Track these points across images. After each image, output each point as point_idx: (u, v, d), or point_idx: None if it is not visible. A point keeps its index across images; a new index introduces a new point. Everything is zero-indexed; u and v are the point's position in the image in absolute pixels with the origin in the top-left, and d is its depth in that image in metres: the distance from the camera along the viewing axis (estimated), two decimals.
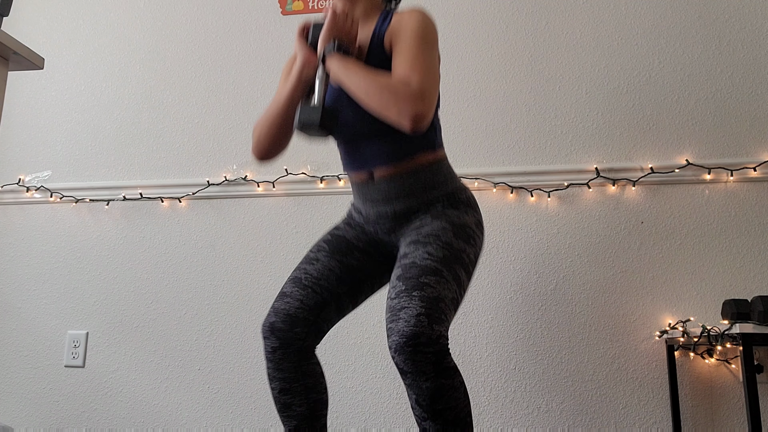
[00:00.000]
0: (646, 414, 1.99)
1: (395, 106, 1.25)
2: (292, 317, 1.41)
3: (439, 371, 1.18)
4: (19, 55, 1.32)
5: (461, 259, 1.33)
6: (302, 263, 1.50)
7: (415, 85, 1.26)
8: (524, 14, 2.34)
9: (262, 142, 1.47)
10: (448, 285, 1.26)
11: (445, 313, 1.22)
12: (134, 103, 2.54)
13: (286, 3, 2.51)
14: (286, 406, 1.41)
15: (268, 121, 1.45)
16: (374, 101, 1.27)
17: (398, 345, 1.18)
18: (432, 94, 1.28)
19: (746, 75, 2.17)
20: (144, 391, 2.28)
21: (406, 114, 1.24)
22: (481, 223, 1.45)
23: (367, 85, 1.28)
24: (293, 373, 1.40)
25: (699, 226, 2.09)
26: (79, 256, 2.43)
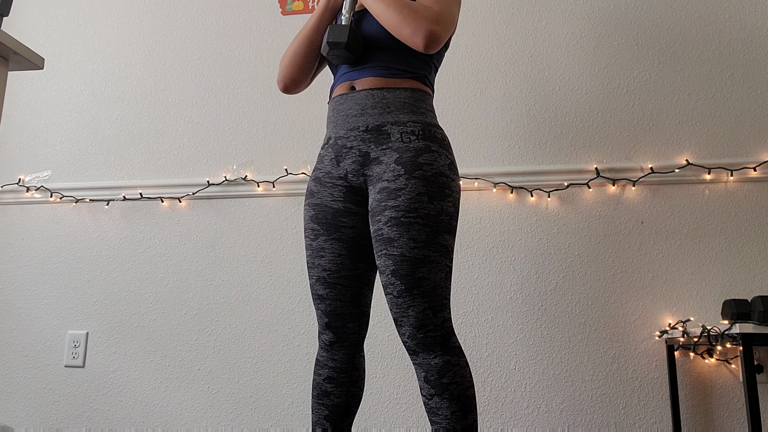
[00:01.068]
0: (646, 414, 1.99)
1: (414, 22, 1.34)
2: (341, 316, 1.47)
3: (446, 349, 1.34)
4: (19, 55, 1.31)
5: (442, 224, 1.36)
6: (313, 257, 1.48)
7: (435, 9, 1.36)
8: (524, 14, 2.34)
9: (287, 68, 1.55)
10: (438, 267, 1.35)
11: (444, 296, 1.36)
12: (134, 103, 2.54)
13: (286, 3, 2.51)
14: (325, 393, 1.47)
15: (294, 48, 1.53)
16: (393, 17, 1.35)
17: (410, 334, 1.34)
18: (449, 21, 1.37)
19: (746, 75, 2.17)
20: (144, 391, 2.28)
21: (421, 31, 1.33)
22: (454, 164, 1.44)
23: (390, 2, 1.37)
24: (345, 364, 1.48)
25: (699, 226, 2.09)
26: (79, 256, 2.43)
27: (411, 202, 1.35)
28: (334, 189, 1.48)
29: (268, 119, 2.42)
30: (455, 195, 1.41)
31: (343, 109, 1.46)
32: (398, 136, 1.40)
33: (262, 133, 2.41)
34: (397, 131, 1.40)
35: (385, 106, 1.42)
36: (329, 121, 1.51)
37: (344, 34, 1.39)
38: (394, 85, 1.43)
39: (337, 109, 1.48)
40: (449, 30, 1.38)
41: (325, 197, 1.48)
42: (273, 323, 2.24)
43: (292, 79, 1.56)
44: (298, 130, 2.38)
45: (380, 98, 1.42)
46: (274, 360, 2.22)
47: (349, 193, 1.47)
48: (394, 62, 1.44)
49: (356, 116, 1.44)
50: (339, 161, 1.46)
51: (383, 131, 1.41)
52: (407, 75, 1.45)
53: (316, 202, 1.49)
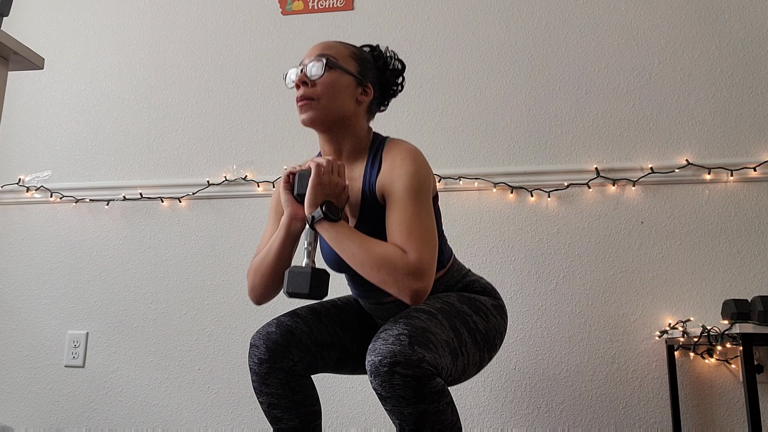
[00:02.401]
0: (646, 414, 1.99)
1: (395, 283, 1.17)
2: (293, 336, 1.33)
3: (420, 396, 1.09)
4: (19, 55, 1.31)
5: (463, 318, 1.27)
6: (326, 303, 1.45)
7: (413, 257, 1.17)
8: (524, 14, 2.34)
9: (257, 289, 1.37)
10: (441, 326, 1.20)
11: (433, 343, 1.15)
12: (134, 103, 2.54)
13: (286, 3, 2.51)
14: (276, 419, 1.35)
15: (261, 271, 1.35)
16: (372, 275, 1.19)
17: (373, 365, 1.10)
18: (431, 265, 1.19)
19: (746, 75, 2.17)
20: (144, 391, 2.28)
21: (406, 291, 1.16)
22: (501, 307, 1.39)
23: (363, 259, 1.20)
24: (280, 389, 1.33)
25: (699, 226, 2.09)
26: (79, 256, 2.43)
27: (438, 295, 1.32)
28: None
29: (268, 119, 2.42)
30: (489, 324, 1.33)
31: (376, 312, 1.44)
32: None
33: (262, 133, 2.41)
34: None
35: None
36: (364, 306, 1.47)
37: (305, 282, 1.24)
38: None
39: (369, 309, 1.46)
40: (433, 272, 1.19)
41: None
42: None
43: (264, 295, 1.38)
44: (298, 130, 2.38)
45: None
46: None
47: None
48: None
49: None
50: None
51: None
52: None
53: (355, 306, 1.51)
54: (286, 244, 1.33)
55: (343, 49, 1.36)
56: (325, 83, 1.30)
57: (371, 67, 1.39)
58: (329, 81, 1.30)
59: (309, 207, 1.26)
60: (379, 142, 1.37)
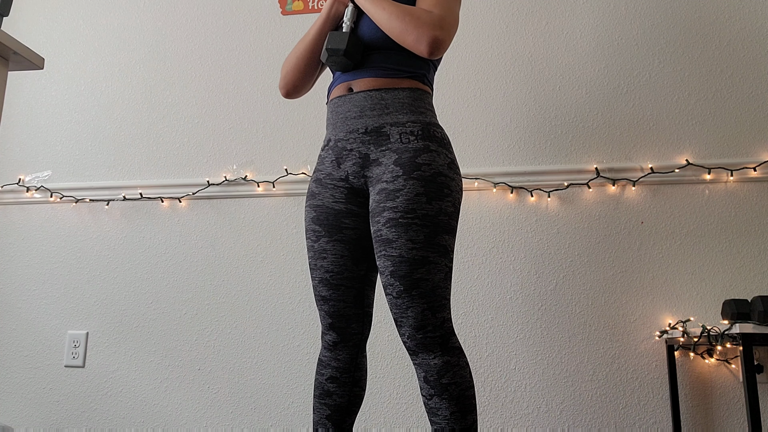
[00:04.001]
0: (646, 414, 1.99)
1: (416, 29, 1.34)
2: (345, 317, 1.47)
3: (445, 349, 1.34)
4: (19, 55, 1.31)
5: (441, 224, 1.36)
6: (316, 259, 1.49)
7: (437, 14, 1.36)
8: (524, 14, 2.34)
9: (289, 74, 1.56)
10: (437, 267, 1.35)
11: (444, 296, 1.36)
12: (134, 103, 2.54)
13: (286, 3, 2.51)
14: (327, 393, 1.47)
15: (296, 55, 1.54)
16: (396, 24, 1.36)
17: (410, 335, 1.34)
18: (451, 25, 1.37)
19: (746, 75, 2.17)
20: (144, 391, 2.28)
21: (424, 37, 1.34)
22: (454, 163, 1.43)
23: (392, 10, 1.37)
24: (348, 363, 1.48)
25: (699, 226, 2.09)
26: (79, 256, 2.43)
27: (409, 203, 1.35)
28: (336, 190, 1.48)
29: (268, 119, 2.42)
30: (455, 194, 1.40)
31: (341, 111, 1.46)
32: (397, 136, 1.40)
33: (262, 133, 2.41)
34: (396, 132, 1.40)
35: (383, 108, 1.42)
36: (329, 123, 1.51)
37: (343, 41, 1.41)
38: (392, 85, 1.43)
39: (336, 111, 1.48)
40: (452, 33, 1.38)
41: (327, 199, 1.48)
42: (273, 323, 2.24)
43: (294, 85, 1.57)
44: (298, 130, 2.38)
45: (378, 99, 1.42)
46: (274, 360, 2.22)
47: (350, 194, 1.47)
48: (391, 62, 1.44)
49: (355, 118, 1.44)
50: (339, 163, 1.47)
51: (382, 132, 1.41)
52: (405, 74, 1.45)
53: (317, 204, 1.49)
54: (326, 26, 1.51)
55: None
56: None
57: None
58: None
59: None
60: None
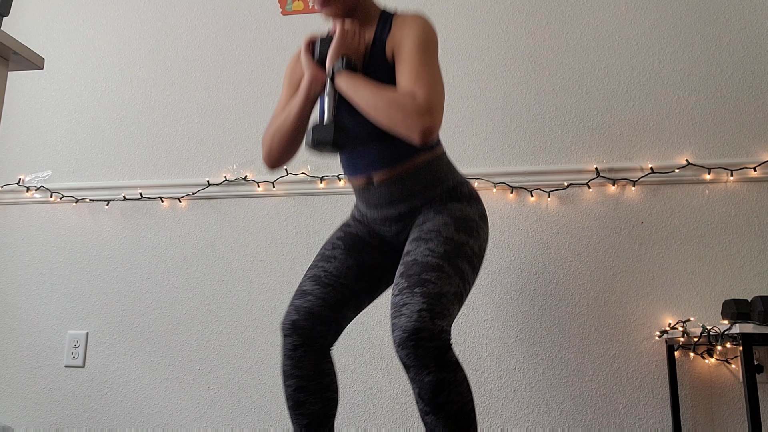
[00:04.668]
0: (646, 414, 1.99)
1: (404, 122, 1.28)
2: (314, 315, 1.42)
3: (441, 365, 1.21)
4: (19, 55, 1.31)
5: (464, 252, 1.34)
6: (319, 261, 1.50)
7: (422, 98, 1.28)
8: (524, 14, 2.34)
9: (273, 153, 1.50)
10: (450, 280, 1.28)
11: (447, 308, 1.25)
12: (134, 103, 2.54)
13: (286, 3, 2.51)
14: (300, 403, 1.42)
15: (279, 134, 1.48)
16: (383, 117, 1.30)
17: (401, 340, 1.21)
18: (439, 106, 1.30)
19: (746, 75, 2.17)
20: (144, 391, 2.28)
21: (415, 129, 1.27)
22: (484, 215, 1.46)
23: (375, 102, 1.31)
24: (312, 371, 1.41)
25: (699, 226, 2.09)
26: (79, 256, 2.43)
27: (435, 226, 1.37)
28: (372, 231, 1.54)
29: (268, 119, 2.42)
30: (482, 241, 1.41)
31: (370, 201, 1.49)
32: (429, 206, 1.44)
33: (262, 133, 2.41)
34: (428, 205, 1.44)
35: (410, 194, 1.44)
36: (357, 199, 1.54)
37: (329, 133, 1.35)
38: (408, 169, 1.44)
39: (363, 197, 1.51)
40: (441, 113, 1.31)
41: (361, 231, 1.54)
42: (273, 323, 2.24)
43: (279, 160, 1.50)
44: None
45: (402, 187, 1.44)
46: (274, 360, 2.22)
47: (384, 240, 1.53)
48: (397, 145, 1.43)
49: (386, 206, 1.47)
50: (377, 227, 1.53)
51: (414, 210, 1.45)
52: (415, 152, 1.44)
53: (350, 231, 1.55)
54: (306, 106, 1.45)
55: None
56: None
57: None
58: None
59: (330, 61, 1.40)
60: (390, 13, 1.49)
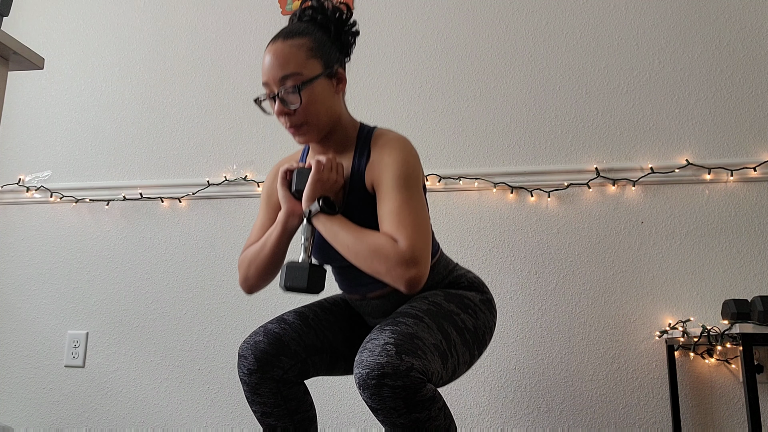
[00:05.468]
0: (646, 414, 1.99)
1: (388, 274, 1.17)
2: (282, 344, 1.32)
3: (411, 406, 1.06)
4: (19, 55, 1.31)
5: (451, 318, 1.26)
6: (314, 305, 1.44)
7: (404, 245, 1.16)
8: (524, 14, 2.34)
9: (250, 279, 1.38)
10: (429, 330, 1.18)
11: (422, 349, 1.12)
12: (134, 103, 2.54)
13: (286, 3, 2.51)
14: (271, 427, 1.34)
15: (255, 264, 1.36)
16: (366, 266, 1.19)
17: (361, 378, 1.07)
18: (424, 253, 1.18)
19: (746, 75, 2.17)
20: (144, 391, 2.28)
21: (400, 280, 1.16)
22: (489, 301, 1.38)
23: (357, 250, 1.20)
24: (272, 398, 1.32)
25: (699, 226, 2.09)
26: (79, 256, 2.43)
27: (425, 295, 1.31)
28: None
29: (268, 119, 2.42)
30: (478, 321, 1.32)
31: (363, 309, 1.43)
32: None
33: (262, 133, 2.41)
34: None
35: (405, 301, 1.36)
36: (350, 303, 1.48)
37: (303, 277, 1.26)
38: None
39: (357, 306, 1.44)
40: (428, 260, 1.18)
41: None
42: None
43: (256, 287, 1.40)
44: None
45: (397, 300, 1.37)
46: None
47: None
48: None
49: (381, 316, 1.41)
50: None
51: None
52: None
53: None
54: (283, 240, 1.34)
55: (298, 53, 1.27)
56: (306, 106, 1.27)
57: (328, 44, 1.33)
58: (308, 101, 1.27)
59: (306, 201, 1.28)
60: (367, 133, 1.36)
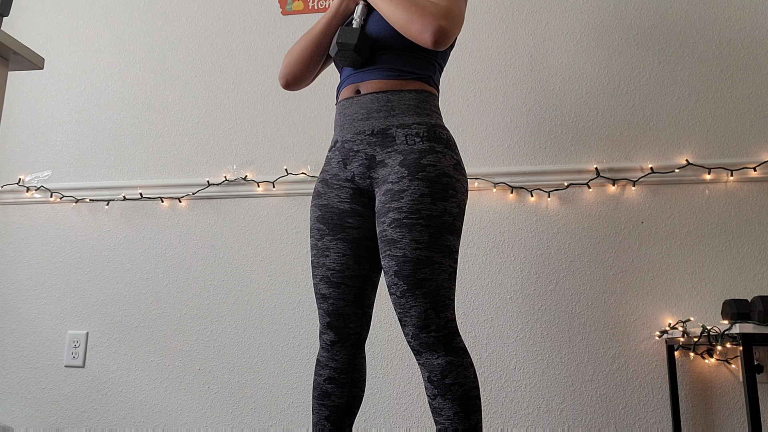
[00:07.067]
0: (646, 414, 1.99)
1: (421, 18, 1.33)
2: (343, 316, 1.47)
3: (449, 349, 1.34)
4: (19, 55, 1.31)
5: (445, 224, 1.36)
6: (318, 257, 1.50)
7: (443, 4, 1.35)
8: (524, 14, 2.34)
9: (292, 64, 1.56)
10: (441, 267, 1.35)
11: (448, 296, 1.36)
12: (134, 103, 2.54)
13: (286, 3, 2.51)
14: (326, 394, 1.47)
15: (301, 46, 1.54)
16: (401, 15, 1.35)
17: (414, 334, 1.34)
18: (457, 16, 1.36)
19: (746, 75, 2.17)
20: (144, 391, 2.28)
21: (429, 27, 1.32)
22: (460, 164, 1.43)
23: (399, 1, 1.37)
24: (346, 364, 1.48)
25: (699, 226, 2.09)
26: (79, 256, 2.43)
27: (414, 204, 1.36)
28: (341, 190, 1.49)
29: (268, 119, 2.42)
30: (460, 195, 1.40)
31: (349, 113, 1.48)
32: (403, 138, 1.41)
33: (262, 133, 2.41)
34: (402, 134, 1.42)
35: (389, 110, 1.43)
36: (336, 124, 1.52)
37: (354, 36, 1.41)
38: (398, 87, 1.44)
39: (344, 113, 1.49)
40: (458, 25, 1.37)
41: (332, 198, 1.50)
42: (273, 323, 2.24)
43: (294, 76, 1.58)
44: (298, 130, 2.38)
45: (385, 101, 1.44)
46: (274, 360, 2.22)
47: (355, 194, 1.49)
48: (398, 63, 1.45)
49: (362, 120, 1.45)
50: (346, 164, 1.48)
51: (388, 134, 1.43)
52: (412, 76, 1.46)
53: (322, 203, 1.51)
54: (334, 21, 1.52)
55: None
56: None
57: None
58: None
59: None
60: None
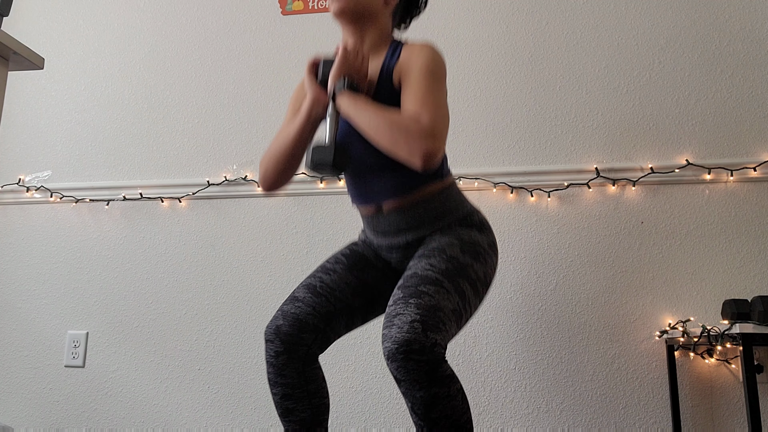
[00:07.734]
0: (646, 414, 1.99)
1: (406, 144, 1.23)
2: (301, 322, 1.39)
3: (432, 380, 1.15)
4: (19, 55, 1.31)
5: (466, 274, 1.31)
6: (318, 272, 1.48)
7: (426, 122, 1.24)
8: (524, 14, 2.34)
9: (269, 176, 1.46)
10: (448, 296, 1.24)
11: (444, 322, 1.19)
12: (134, 103, 2.54)
13: (286, 3, 2.51)
14: (288, 411, 1.40)
15: (276, 157, 1.44)
16: (384, 139, 1.26)
17: (390, 352, 1.15)
18: (442, 131, 1.25)
19: (746, 75, 2.17)
20: (144, 391, 2.28)
21: (417, 152, 1.22)
22: (494, 244, 1.43)
23: (377, 123, 1.27)
24: (296, 378, 1.39)
25: (699, 226, 2.09)
26: (79, 256, 2.43)
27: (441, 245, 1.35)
28: (378, 256, 1.53)
29: (268, 119, 2.42)
30: (488, 268, 1.37)
31: (378, 228, 1.47)
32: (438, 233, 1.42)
33: (262, 133, 2.41)
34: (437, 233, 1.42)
35: (420, 223, 1.42)
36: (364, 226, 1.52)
37: (329, 153, 1.32)
38: (417, 199, 1.41)
39: (371, 225, 1.48)
40: (444, 138, 1.26)
41: (368, 252, 1.53)
42: None
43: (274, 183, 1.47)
44: None
45: (410, 216, 1.41)
46: None
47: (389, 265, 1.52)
48: (408, 175, 1.40)
49: (393, 234, 1.45)
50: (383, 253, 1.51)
51: (423, 239, 1.43)
52: (425, 182, 1.41)
53: (356, 249, 1.53)
54: (306, 128, 1.41)
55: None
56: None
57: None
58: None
59: (332, 81, 1.36)
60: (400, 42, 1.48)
